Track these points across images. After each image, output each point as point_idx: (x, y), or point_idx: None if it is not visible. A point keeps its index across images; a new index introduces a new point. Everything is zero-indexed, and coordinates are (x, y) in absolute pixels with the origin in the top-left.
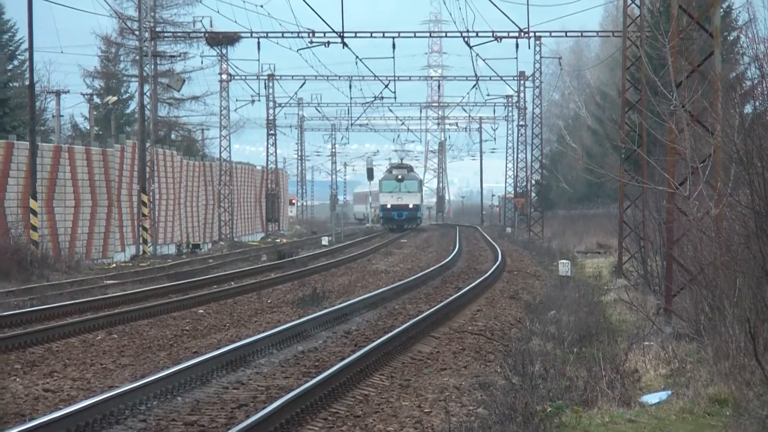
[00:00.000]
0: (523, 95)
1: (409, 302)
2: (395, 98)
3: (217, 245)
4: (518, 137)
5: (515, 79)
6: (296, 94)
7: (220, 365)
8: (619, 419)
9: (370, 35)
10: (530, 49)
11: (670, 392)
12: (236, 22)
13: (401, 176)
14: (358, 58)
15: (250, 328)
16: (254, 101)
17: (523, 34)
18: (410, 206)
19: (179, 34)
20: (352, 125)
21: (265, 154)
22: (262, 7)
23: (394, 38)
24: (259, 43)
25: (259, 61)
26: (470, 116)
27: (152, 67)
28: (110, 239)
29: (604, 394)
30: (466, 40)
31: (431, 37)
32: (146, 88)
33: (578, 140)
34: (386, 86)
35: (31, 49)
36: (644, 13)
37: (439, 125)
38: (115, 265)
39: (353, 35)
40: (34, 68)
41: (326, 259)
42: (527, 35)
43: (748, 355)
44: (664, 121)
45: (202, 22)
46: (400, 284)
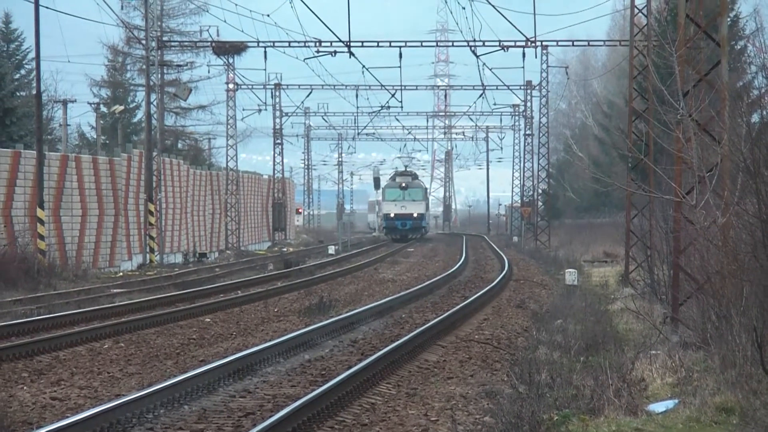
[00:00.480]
0: (529, 104)
1: (415, 311)
2: (402, 107)
3: (223, 254)
4: (525, 146)
5: (522, 88)
6: (303, 103)
7: (226, 374)
8: (625, 428)
9: (376, 44)
10: (537, 58)
11: (676, 401)
12: (243, 31)
13: (405, 184)
14: (364, 67)
15: (256, 336)
16: (261, 110)
17: (529, 43)
18: (415, 215)
19: (186, 43)
20: (358, 134)
21: (271, 163)
22: (268, 16)
23: (400, 47)
24: (265, 52)
25: (265, 70)
26: (477, 125)
27: (159, 76)
28: (117, 248)
29: (610, 402)
30: (472, 49)
31: (438, 46)
32: (153, 97)
33: (585, 149)
34: (393, 95)
35: (38, 58)
36: (651, 22)
37: (445, 134)
38: (122, 273)
39: (360, 44)
40: (41, 77)
41: (333, 268)
42: (534, 44)
43: (755, 363)
44: (671, 130)
45: (209, 31)
46: (406, 293)
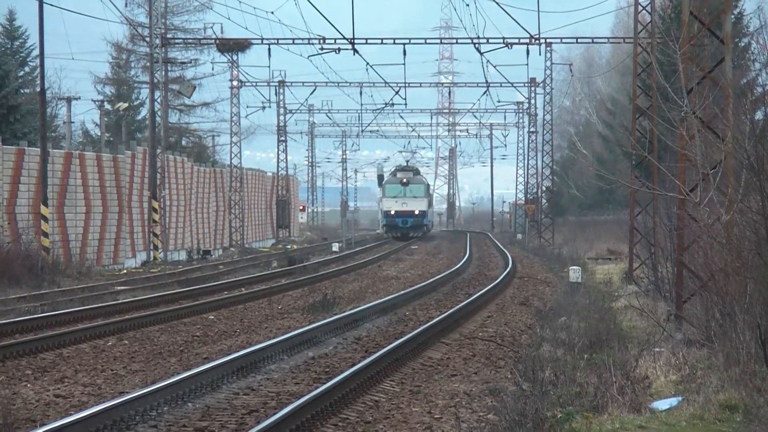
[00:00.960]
0: (533, 102)
1: (419, 308)
2: (406, 105)
3: (227, 251)
4: (529, 144)
5: (526, 85)
6: (307, 100)
7: (230, 371)
8: (629, 425)
9: (380, 42)
10: (541, 55)
11: (680, 398)
12: (247, 28)
13: (406, 179)
14: (368, 64)
15: (260, 334)
16: (265, 108)
17: (533, 40)
18: (416, 212)
19: (190, 40)
20: (362, 132)
21: (275, 160)
22: (272, 13)
23: (404, 45)
24: (269, 49)
25: (269, 67)
26: (481, 123)
27: (163, 73)
28: (121, 245)
29: (614, 400)
30: (476, 46)
31: (442, 43)
32: (157, 94)
33: (589, 147)
34: (397, 93)
35: (42, 55)
36: (655, 19)
37: (449, 132)
38: (125, 271)
39: (364, 42)
40: (45, 75)
41: (337, 265)
42: (538, 42)
43: (758, 361)
44: (674, 127)
45: (212, 28)
46: (410, 290)
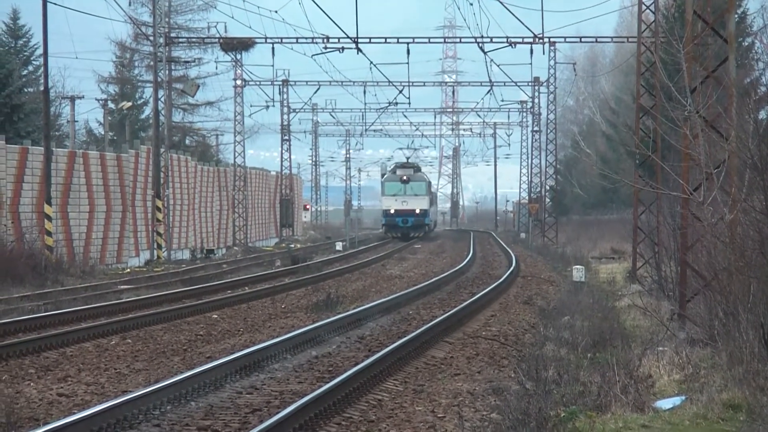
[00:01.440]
0: (537, 101)
1: (423, 307)
2: (409, 104)
3: (231, 250)
4: (532, 143)
5: (529, 84)
6: (310, 99)
7: (233, 370)
8: (632, 424)
9: (384, 41)
10: (545, 54)
11: (683, 397)
12: (251, 27)
13: (407, 177)
14: (372, 63)
15: (264, 333)
16: (269, 107)
17: (537, 39)
18: (417, 211)
19: (194, 39)
20: (366, 131)
21: (279, 159)
22: (276, 12)
23: (408, 44)
24: (273, 48)
25: (273, 66)
26: (484, 122)
27: (167, 72)
28: (124, 244)
29: (617, 399)
30: (480, 45)
31: (445, 42)
32: (161, 93)
33: (592, 146)
34: (400, 92)
35: (45, 54)
36: (659, 18)
37: (453, 131)
38: (129, 270)
39: (367, 41)
40: (48, 74)
41: (340, 264)
42: (542, 41)
43: (762, 360)
44: (678, 126)
45: (216, 27)
46: (414, 289)
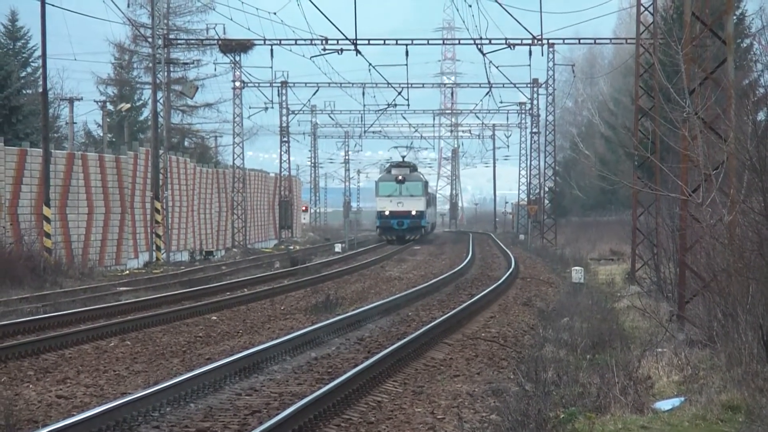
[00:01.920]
0: (536, 102)
1: (422, 309)
2: (408, 105)
3: (230, 252)
4: (531, 144)
5: (528, 86)
6: (309, 101)
7: (233, 372)
8: (632, 425)
9: (383, 42)
10: (543, 56)
11: (683, 399)
12: (249, 29)
13: (402, 177)
14: (371, 65)
15: (263, 334)
16: (267, 108)
17: (536, 41)
18: (413, 213)
19: (192, 41)
20: (365, 132)
21: (278, 161)
22: (275, 14)
23: (407, 45)
24: (272, 50)
25: (272, 68)
26: (483, 123)
27: (165, 74)
28: (123, 246)
29: (617, 400)
30: (479, 47)
31: (444, 44)
32: (159, 95)
33: (591, 147)
34: (399, 93)
35: (44, 56)
36: (657, 20)
37: (452, 132)
38: (128, 271)
39: (366, 42)
40: (47, 75)
41: (339, 266)
42: (540, 42)
43: (761, 361)
44: (677, 128)
45: (215, 29)
46: (413, 291)
